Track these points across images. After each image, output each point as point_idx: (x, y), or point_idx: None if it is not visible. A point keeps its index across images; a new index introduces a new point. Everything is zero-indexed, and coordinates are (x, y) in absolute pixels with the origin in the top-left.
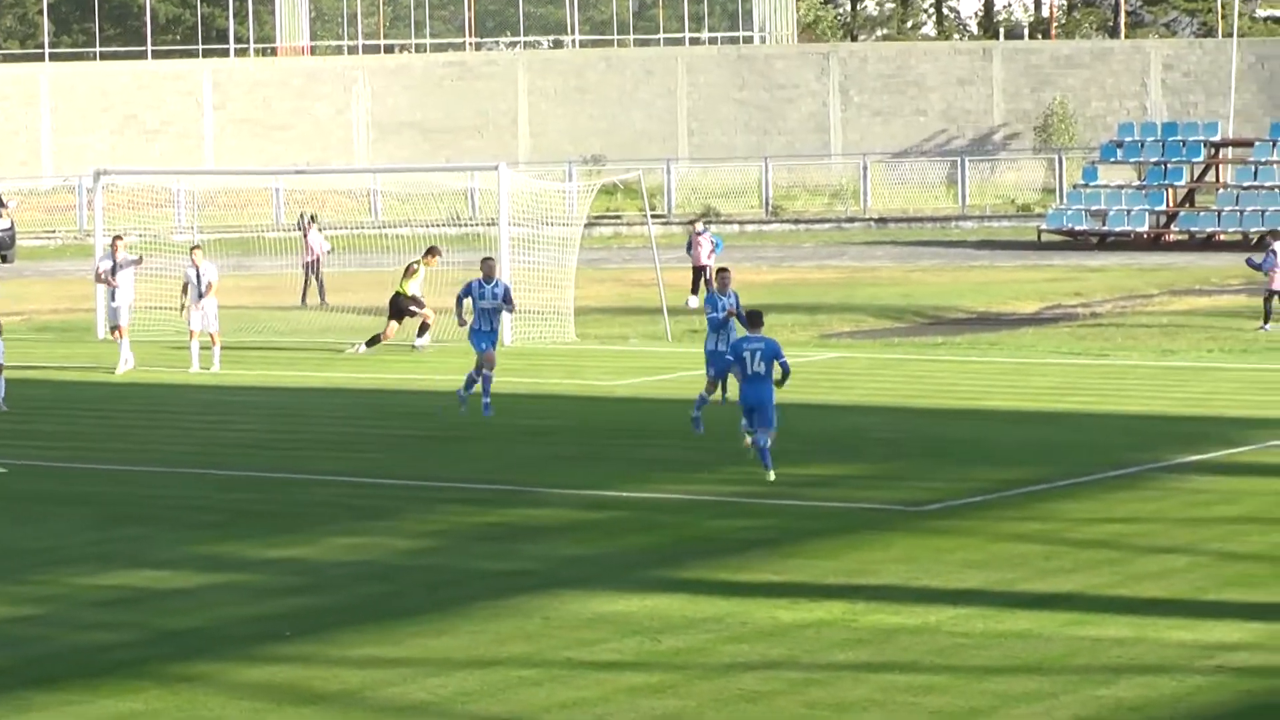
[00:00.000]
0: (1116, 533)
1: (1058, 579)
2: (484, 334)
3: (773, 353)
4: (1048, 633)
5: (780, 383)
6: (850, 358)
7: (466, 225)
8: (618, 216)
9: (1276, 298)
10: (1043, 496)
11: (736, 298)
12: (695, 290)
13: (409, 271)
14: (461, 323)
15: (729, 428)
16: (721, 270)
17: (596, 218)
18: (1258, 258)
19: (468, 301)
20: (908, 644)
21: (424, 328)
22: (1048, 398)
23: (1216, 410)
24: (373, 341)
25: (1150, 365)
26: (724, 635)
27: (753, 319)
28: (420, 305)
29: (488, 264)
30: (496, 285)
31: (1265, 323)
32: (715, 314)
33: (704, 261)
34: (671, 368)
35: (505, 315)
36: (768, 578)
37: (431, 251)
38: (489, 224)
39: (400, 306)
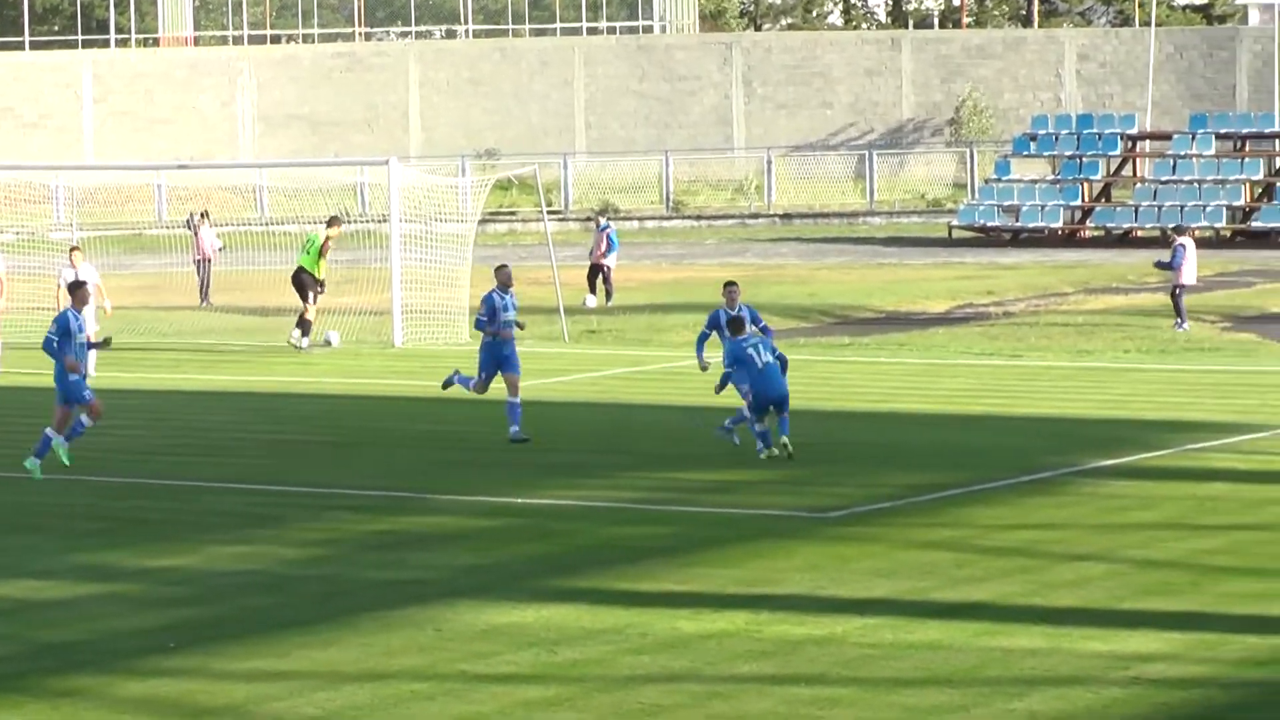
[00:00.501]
0: (1030, 540)
1: (969, 588)
2: (509, 356)
3: (771, 343)
4: (959, 644)
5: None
6: None
7: (356, 221)
8: (513, 213)
9: (1173, 293)
10: (954, 502)
11: (750, 311)
12: (593, 289)
13: (323, 249)
14: (493, 336)
15: (622, 431)
16: (729, 285)
17: (491, 214)
18: (1165, 256)
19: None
20: (813, 656)
21: (305, 324)
22: (959, 400)
23: (1133, 413)
24: (303, 326)
25: (1065, 366)
26: (623, 647)
27: (734, 325)
28: (320, 291)
29: (505, 272)
30: (512, 295)
31: (1181, 321)
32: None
33: (602, 259)
34: (568, 370)
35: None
36: (668, 587)
37: (334, 221)
38: (379, 220)
39: (303, 283)
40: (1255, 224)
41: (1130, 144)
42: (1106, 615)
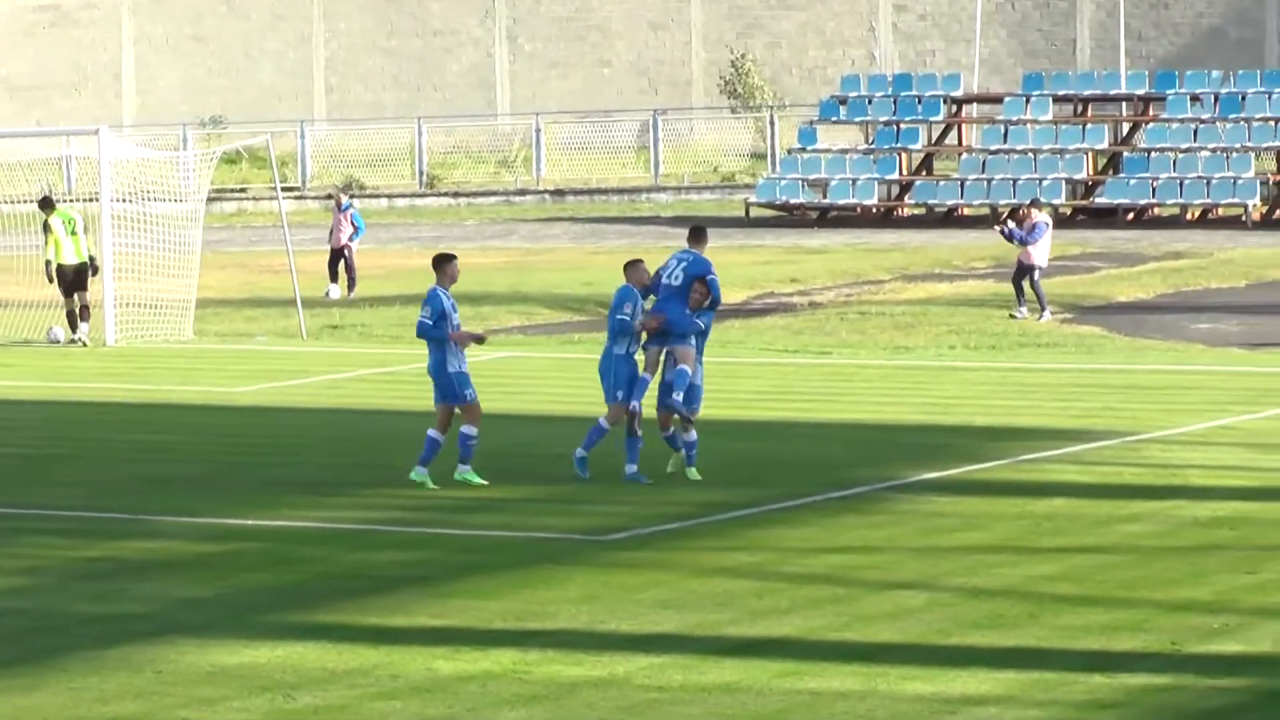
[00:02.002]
0: (841, 565)
1: (771, 621)
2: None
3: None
4: (759, 685)
5: (704, 312)
6: (522, 358)
7: (62, 200)
8: (243, 190)
9: (1029, 278)
10: (753, 523)
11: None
12: (335, 278)
13: (72, 229)
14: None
15: (368, 442)
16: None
17: (217, 191)
18: (1019, 228)
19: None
20: (591, 699)
21: (85, 312)
22: (758, 405)
23: (960, 418)
24: (73, 321)
25: (881, 365)
26: (372, 690)
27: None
28: (95, 272)
29: (641, 268)
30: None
31: (1021, 306)
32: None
33: (344, 243)
34: (307, 370)
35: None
36: (423, 621)
37: (45, 203)
38: (88, 199)
39: (65, 277)
40: (1099, 200)
41: (955, 108)
42: (929, 652)
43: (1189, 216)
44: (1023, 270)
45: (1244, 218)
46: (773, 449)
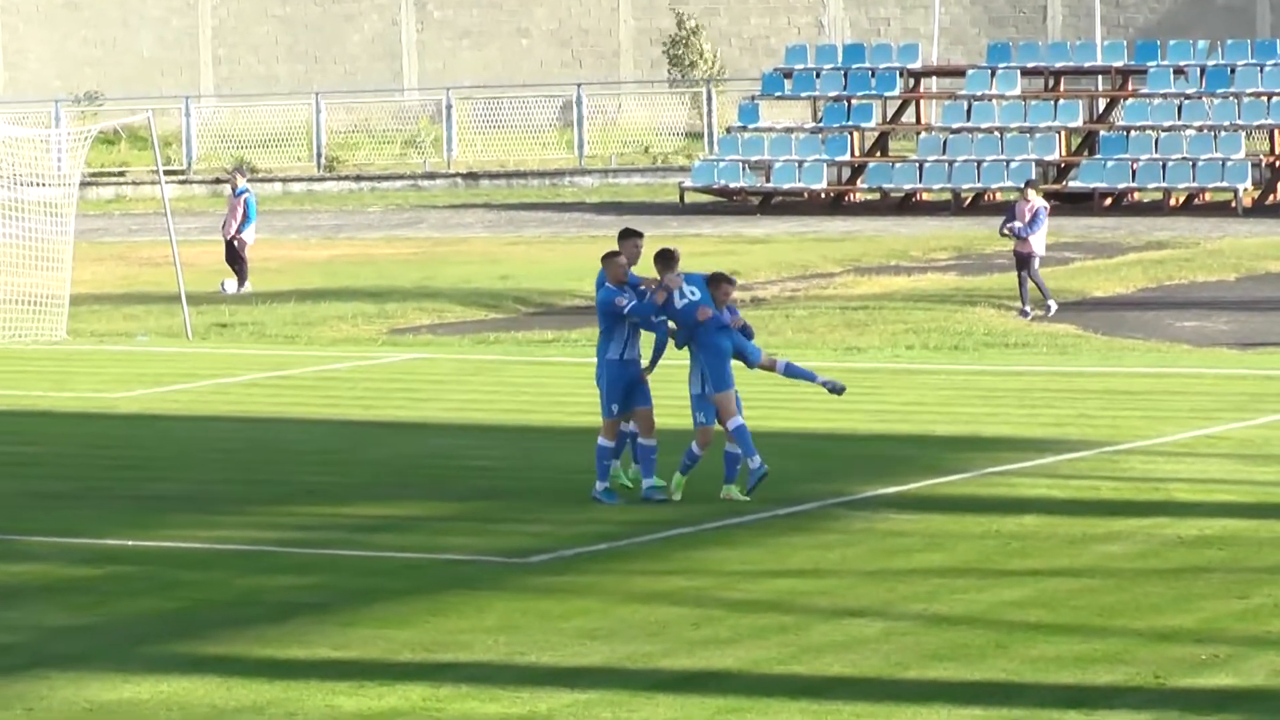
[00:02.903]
0: (788, 590)
1: (710, 652)
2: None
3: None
4: None
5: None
6: (431, 360)
7: None
8: (121, 173)
9: (1028, 268)
10: (689, 543)
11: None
12: (239, 272)
13: None
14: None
15: (262, 454)
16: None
17: (93, 175)
18: (1020, 220)
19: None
20: None
21: None
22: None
23: (919, 427)
24: None
25: (832, 367)
26: None
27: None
28: None
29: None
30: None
31: (1027, 304)
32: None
33: (237, 234)
34: (193, 374)
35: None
36: (323, 653)
37: None
38: None
39: None
40: (1073, 184)
41: (912, 82)
42: (885, 687)
43: (1173, 202)
44: (1022, 261)
45: (1234, 203)
46: (710, 461)
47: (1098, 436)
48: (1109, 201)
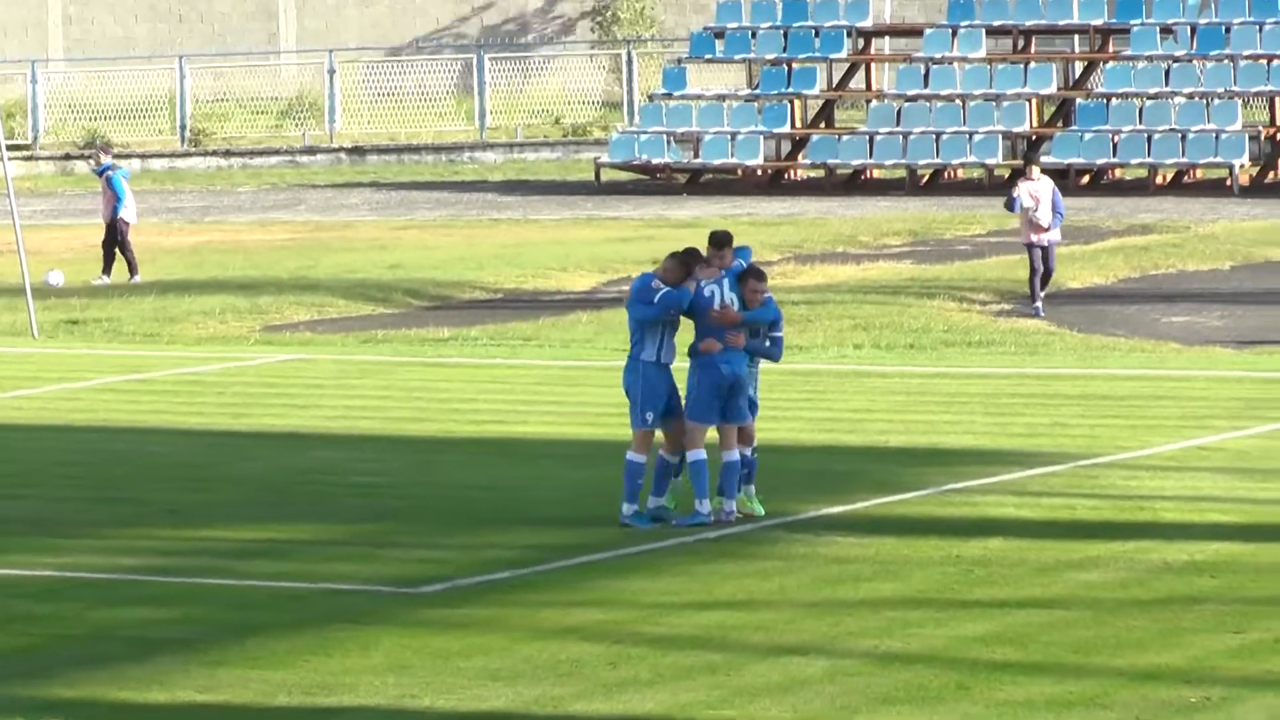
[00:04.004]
0: (718, 624)
1: (630, 695)
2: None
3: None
4: None
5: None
6: (310, 360)
7: None
8: None
9: (1051, 258)
10: (605, 570)
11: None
12: (107, 264)
13: None
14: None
15: (117, 469)
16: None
17: None
18: (1037, 204)
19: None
20: None
21: None
22: (613, 419)
23: (869, 437)
24: None
25: (769, 369)
26: None
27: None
28: None
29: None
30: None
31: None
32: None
33: (115, 216)
34: (38, 378)
35: None
36: (188, 696)
37: None
38: None
39: None
40: (1046, 159)
41: (862, 43)
42: None
43: (1159, 180)
44: (1042, 254)
45: (1228, 182)
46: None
47: (1074, 448)
48: (1086, 179)
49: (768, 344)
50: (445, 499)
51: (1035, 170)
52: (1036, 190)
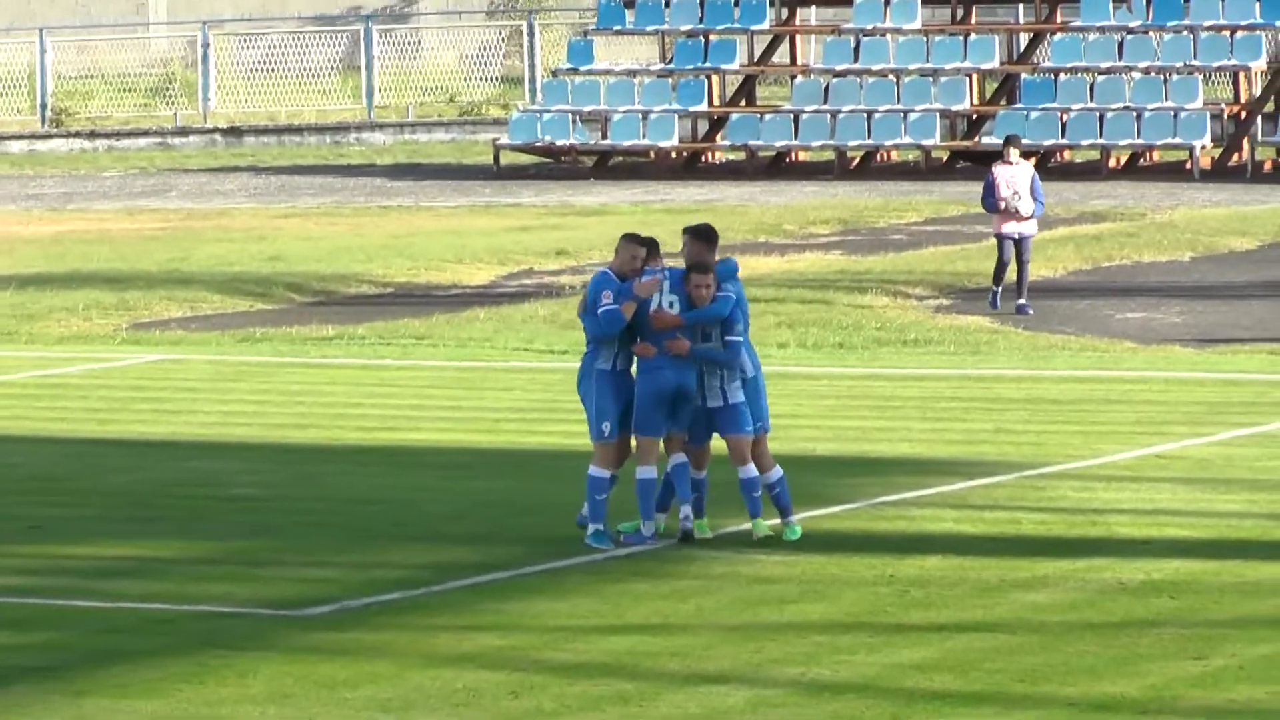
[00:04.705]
0: (629, 650)
1: None
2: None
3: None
4: None
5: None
6: (183, 361)
7: None
8: None
9: (1026, 249)
10: (504, 591)
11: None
12: None
13: None
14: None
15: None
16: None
17: None
18: (1022, 201)
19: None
20: None
21: None
22: (511, 427)
23: (795, 445)
24: None
25: None
26: None
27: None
28: None
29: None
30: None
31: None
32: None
33: None
34: None
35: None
36: None
37: None
38: None
39: None
40: (986, 140)
41: (786, 13)
42: None
43: (1112, 164)
44: (1018, 245)
45: (1188, 165)
46: (532, 489)
47: (1019, 457)
48: (1033, 162)
49: (722, 348)
50: (330, 513)
51: (1014, 153)
52: (1014, 178)
